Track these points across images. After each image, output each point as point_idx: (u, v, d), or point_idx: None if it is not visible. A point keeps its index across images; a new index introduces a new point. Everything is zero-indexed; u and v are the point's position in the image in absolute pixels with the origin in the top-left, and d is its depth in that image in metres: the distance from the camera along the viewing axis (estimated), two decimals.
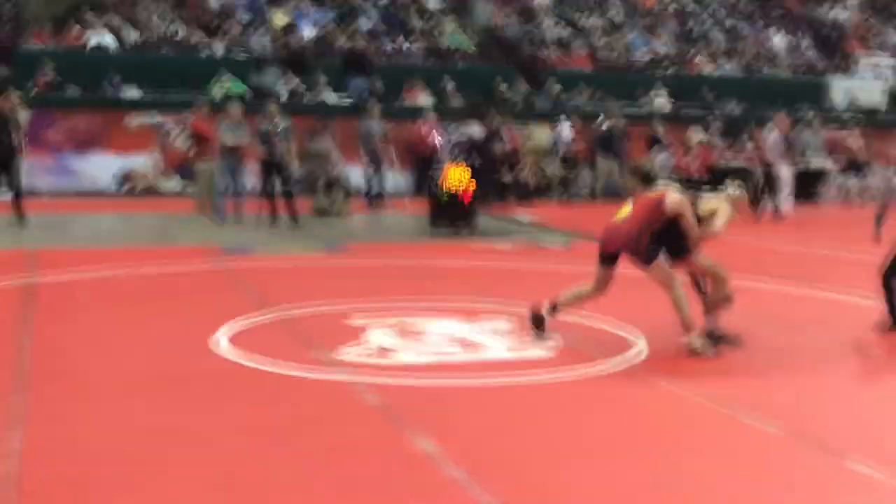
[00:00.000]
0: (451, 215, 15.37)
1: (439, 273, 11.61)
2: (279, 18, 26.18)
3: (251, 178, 17.30)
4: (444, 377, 6.90)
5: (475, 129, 21.13)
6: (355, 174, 19.90)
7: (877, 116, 26.56)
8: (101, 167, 21.22)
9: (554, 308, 8.04)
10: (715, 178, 21.81)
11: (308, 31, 25.97)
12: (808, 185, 21.63)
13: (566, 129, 22.42)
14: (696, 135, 22.75)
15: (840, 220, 19.07)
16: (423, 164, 19.70)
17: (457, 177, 15.34)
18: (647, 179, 8.03)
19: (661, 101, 25.40)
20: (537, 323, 8.03)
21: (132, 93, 22.23)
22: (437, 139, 20.45)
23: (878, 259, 8.63)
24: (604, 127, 22.08)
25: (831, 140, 24.01)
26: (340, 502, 4.65)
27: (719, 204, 8.01)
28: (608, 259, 7.90)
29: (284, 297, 9.65)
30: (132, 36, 24.28)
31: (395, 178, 19.79)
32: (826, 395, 6.78)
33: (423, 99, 23.69)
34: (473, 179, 15.33)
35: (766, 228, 17.38)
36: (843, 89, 27.79)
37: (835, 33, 31.51)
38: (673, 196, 7.71)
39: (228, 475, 4.95)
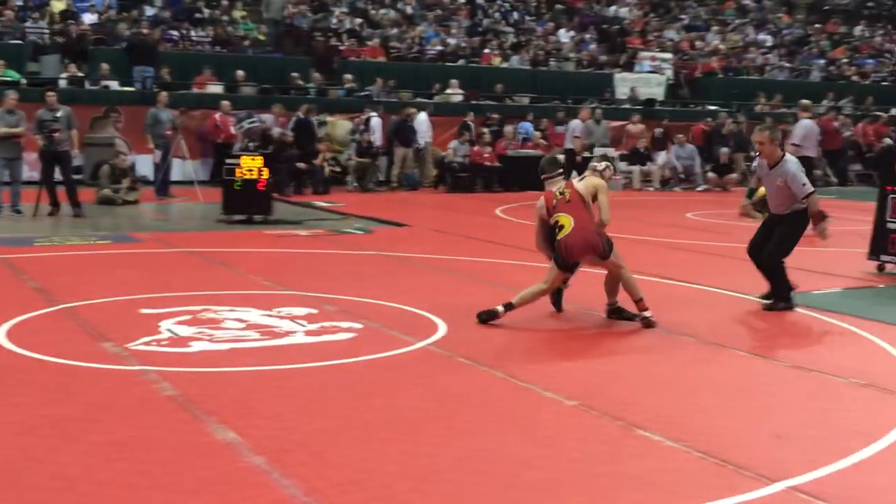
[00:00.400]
0: (244, 203, 15.08)
1: (234, 261, 11.33)
2: (57, 4, 24.97)
3: (29, 167, 16.48)
4: (242, 364, 6.72)
5: (268, 118, 20.83)
6: (144, 163, 19.23)
7: (655, 108, 27.84)
8: None
9: (510, 306, 8.22)
10: (507, 166, 22.48)
11: (88, 18, 24.92)
12: None
13: (375, 121, 22.48)
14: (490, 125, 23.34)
15: (625, 205, 19.80)
16: (218, 153, 19.26)
17: (250, 164, 15.02)
18: (556, 165, 8.55)
19: (454, 92, 25.74)
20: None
21: None
22: (231, 128, 20.06)
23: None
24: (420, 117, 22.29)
25: (616, 130, 25.03)
26: (136, 496, 4.43)
27: (597, 183, 8.44)
28: (573, 266, 8.31)
29: (69, 289, 9.19)
30: None
31: (188, 167, 19.22)
32: (622, 371, 7.01)
33: (214, 88, 23.16)
34: (267, 167, 15.07)
35: None
36: (625, 83, 28.97)
37: (617, 30, 32.83)
38: (580, 185, 8.24)
39: (13, 474, 4.63)
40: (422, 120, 22.43)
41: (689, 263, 11.90)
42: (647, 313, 8.28)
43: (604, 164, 8.70)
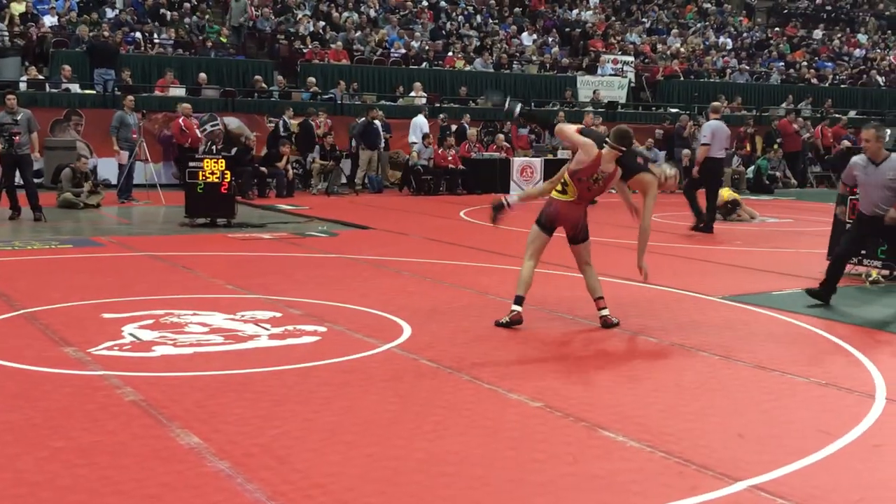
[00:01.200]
0: (207, 206, 15.00)
1: (197, 265, 11.27)
2: (17, 6, 24.70)
3: None
4: (205, 369, 6.68)
5: (231, 121, 20.74)
6: (106, 166, 19.06)
7: (617, 110, 28.01)
8: None
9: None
10: (470, 168, 22.54)
11: (49, 20, 24.68)
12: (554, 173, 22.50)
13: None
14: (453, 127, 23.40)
15: None
16: (182, 156, 19.17)
17: (213, 167, 14.94)
18: (627, 141, 8.12)
19: (418, 95, 25.76)
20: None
21: None
22: (196, 130, 19.95)
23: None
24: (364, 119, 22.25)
25: None
26: (99, 502, 4.39)
27: (650, 181, 8.26)
28: (552, 230, 8.37)
29: (30, 294, 9.10)
30: None
31: (149, 170, 19.09)
32: (586, 372, 7.05)
33: (176, 90, 23.02)
34: (229, 170, 15.00)
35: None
36: (587, 86, 29.13)
37: (579, 33, 32.99)
38: (619, 184, 8.28)
39: None
40: (421, 123, 22.55)
41: (651, 265, 11.95)
42: (605, 311, 8.33)
43: (674, 170, 8.72)
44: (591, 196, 8.32)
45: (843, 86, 34.58)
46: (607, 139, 8.10)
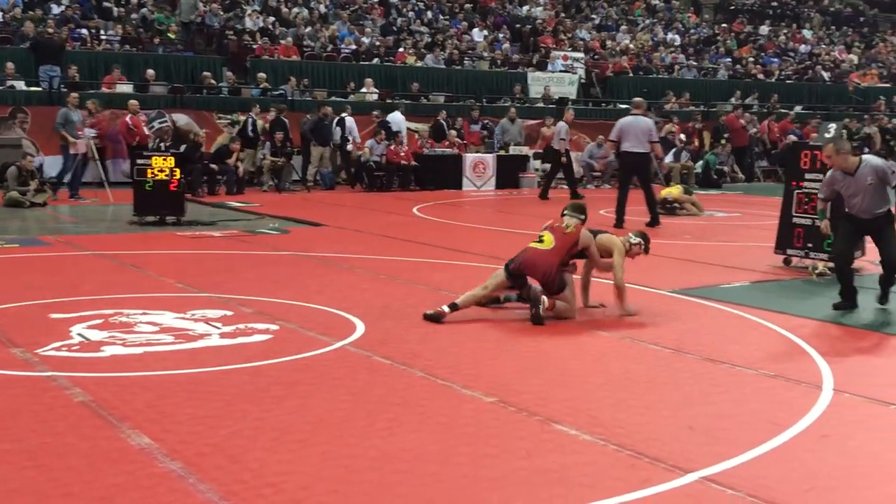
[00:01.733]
0: (156, 204, 14.84)
1: (146, 263, 11.15)
2: None
3: None
4: (156, 368, 6.62)
5: (180, 117, 20.53)
6: (54, 164, 18.80)
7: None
8: None
9: (454, 307, 8.36)
10: (423, 165, 22.52)
11: None
12: (509, 171, 22.58)
13: (349, 120, 22.46)
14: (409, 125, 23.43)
15: (540, 203, 19.86)
16: (131, 153, 18.94)
17: (161, 165, 14.77)
18: (583, 213, 8.91)
19: (369, 91, 25.70)
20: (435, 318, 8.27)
21: None
22: (144, 128, 19.71)
23: None
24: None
25: (530, 129, 25.23)
26: None
27: (615, 244, 8.86)
28: (518, 277, 8.54)
29: None
30: None
31: (97, 168, 18.85)
32: (539, 366, 7.07)
33: (123, 87, 22.74)
34: (178, 167, 14.85)
35: (476, 212, 18.02)
36: (538, 82, 29.23)
37: (530, 29, 33.08)
38: (584, 233, 8.65)
39: None
40: (398, 120, 22.54)
41: None
42: (541, 307, 8.34)
43: (638, 239, 9.04)
44: (566, 242, 8.54)
45: (788, 81, 35.02)
46: (567, 213, 8.87)
